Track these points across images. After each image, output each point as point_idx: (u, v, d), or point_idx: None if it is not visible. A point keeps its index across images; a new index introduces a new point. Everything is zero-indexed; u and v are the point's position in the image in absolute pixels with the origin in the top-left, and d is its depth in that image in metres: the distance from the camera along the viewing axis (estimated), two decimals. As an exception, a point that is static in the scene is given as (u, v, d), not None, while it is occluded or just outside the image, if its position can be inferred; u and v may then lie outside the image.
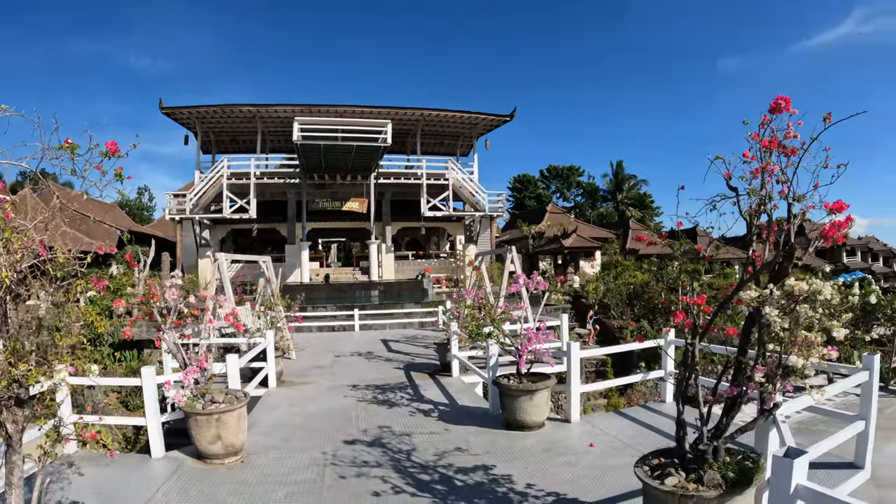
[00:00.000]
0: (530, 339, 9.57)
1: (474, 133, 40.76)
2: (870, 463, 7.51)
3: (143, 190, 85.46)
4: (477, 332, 10.27)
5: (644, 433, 9.25)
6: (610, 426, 9.68)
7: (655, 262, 40.16)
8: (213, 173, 33.96)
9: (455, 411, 11.09)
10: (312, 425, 10.17)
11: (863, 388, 7.37)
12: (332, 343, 21.33)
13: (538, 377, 9.85)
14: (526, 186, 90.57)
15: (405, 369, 15.53)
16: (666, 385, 11.27)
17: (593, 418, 10.56)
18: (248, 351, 12.25)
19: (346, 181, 36.70)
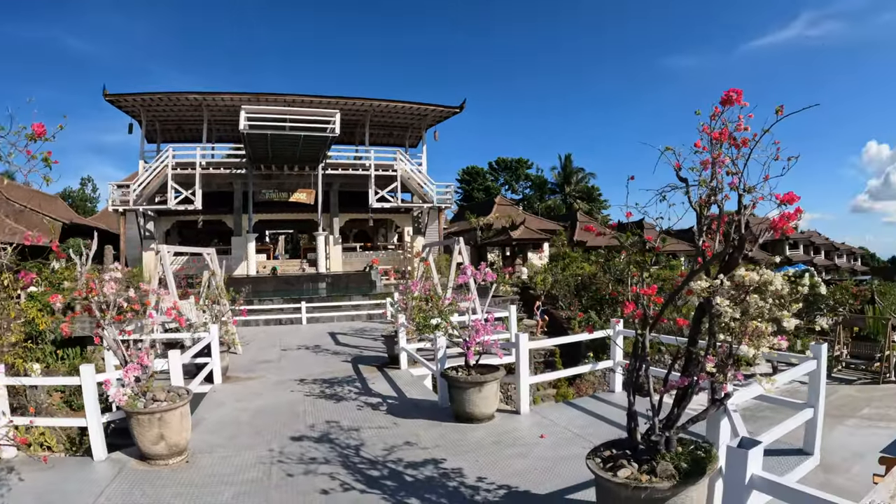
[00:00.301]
0: (478, 331, 9.51)
1: (423, 124, 40.62)
2: (819, 449, 7.61)
3: (87, 180, 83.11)
4: (424, 325, 10.16)
5: (594, 423, 9.26)
6: (560, 417, 9.67)
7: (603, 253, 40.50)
8: (157, 163, 33.19)
9: (404, 404, 10.96)
10: (259, 422, 9.93)
11: (811, 376, 7.45)
12: (280, 337, 20.97)
13: (487, 369, 9.79)
14: (475, 178, 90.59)
15: (353, 362, 15.33)
16: (615, 375, 11.33)
17: (543, 409, 10.54)
18: (192, 346, 11.94)
19: (293, 172, 36.17)
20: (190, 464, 7.86)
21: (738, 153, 5.02)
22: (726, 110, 5.02)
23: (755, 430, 6.44)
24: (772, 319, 4.72)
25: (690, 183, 5.32)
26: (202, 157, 34.05)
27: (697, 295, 4.90)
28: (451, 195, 40.74)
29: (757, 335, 4.67)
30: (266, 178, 36.77)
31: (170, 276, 14.20)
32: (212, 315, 14.59)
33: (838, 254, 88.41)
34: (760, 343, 4.66)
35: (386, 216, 40.68)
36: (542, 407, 11.11)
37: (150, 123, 36.15)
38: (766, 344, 4.67)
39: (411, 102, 37.55)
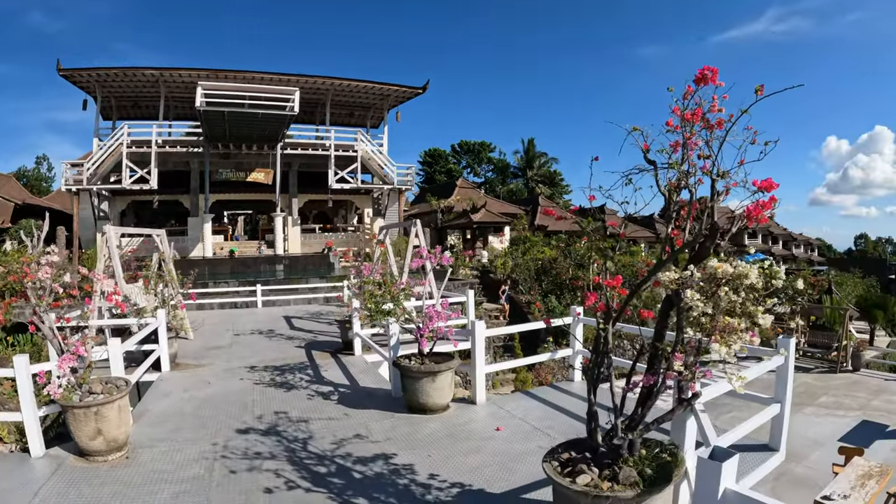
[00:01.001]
0: (432, 318, 9.08)
1: (385, 105, 39.99)
2: (785, 445, 7.40)
3: (42, 159, 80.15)
4: (377, 311, 9.72)
5: (552, 415, 8.96)
6: (517, 408, 9.34)
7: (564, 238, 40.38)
8: (112, 141, 32.19)
9: (356, 394, 10.54)
10: (205, 413, 9.41)
11: (778, 370, 7.22)
12: (234, 321, 20.38)
13: (441, 357, 9.41)
14: (436, 161, 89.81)
15: (306, 348, 14.84)
16: (574, 363, 11.02)
17: (500, 399, 10.15)
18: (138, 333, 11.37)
19: (251, 151, 35.44)
20: (130, 460, 7.34)
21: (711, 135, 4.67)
22: (700, 90, 4.65)
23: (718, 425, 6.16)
24: (744, 314, 4.39)
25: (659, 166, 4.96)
26: (158, 136, 33.15)
27: (666, 287, 4.54)
28: (412, 177, 40.46)
29: (729, 331, 4.35)
30: (224, 158, 35.91)
31: (116, 258, 13.58)
32: (159, 299, 13.99)
33: (796, 244, 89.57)
34: (732, 340, 4.34)
35: (346, 197, 40.24)
36: (500, 397, 10.71)
37: (105, 100, 34.97)
38: (739, 341, 4.35)
39: (373, 82, 36.95)
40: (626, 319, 9.46)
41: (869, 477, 8.16)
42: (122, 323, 12.68)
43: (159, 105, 34.12)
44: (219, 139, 33.83)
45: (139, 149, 32.34)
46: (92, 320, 12.05)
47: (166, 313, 12.84)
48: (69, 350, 7.25)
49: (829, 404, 15.67)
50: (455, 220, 47.84)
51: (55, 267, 7.78)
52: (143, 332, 11.10)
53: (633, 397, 4.90)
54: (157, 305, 13.41)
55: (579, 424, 8.45)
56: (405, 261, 16.08)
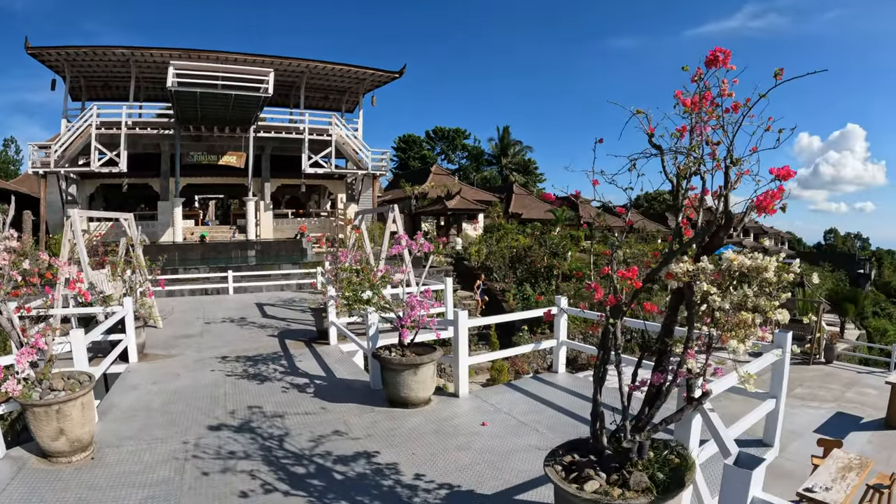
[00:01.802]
0: (413, 307, 8.65)
1: (361, 89, 39.22)
2: (779, 440, 7.16)
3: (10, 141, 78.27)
4: (355, 299, 9.25)
5: (538, 408, 8.67)
6: (502, 401, 9.01)
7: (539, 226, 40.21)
8: (80, 122, 31.09)
9: (333, 386, 10.13)
10: (174, 407, 8.92)
11: (774, 366, 6.93)
12: (204, 308, 19.83)
13: (423, 348, 9.03)
14: (411, 147, 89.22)
15: (280, 337, 14.38)
16: (558, 355, 10.72)
17: (484, 392, 9.84)
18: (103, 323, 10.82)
19: (224, 134, 34.47)
20: (96, 461, 6.83)
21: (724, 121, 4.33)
22: (711, 73, 4.31)
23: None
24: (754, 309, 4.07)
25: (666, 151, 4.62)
26: (129, 117, 32.17)
27: (678, 279, 4.19)
28: (386, 162, 39.96)
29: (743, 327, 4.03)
30: (195, 140, 35.03)
31: (81, 243, 13.04)
32: (126, 286, 13.44)
33: (767, 237, 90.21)
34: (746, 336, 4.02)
35: (319, 182, 39.63)
36: (483, 389, 10.40)
37: (74, 80, 33.77)
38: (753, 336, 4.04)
39: (350, 65, 36.28)
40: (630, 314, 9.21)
41: (849, 469, 8.11)
42: (88, 312, 12.16)
43: (130, 86, 33.16)
44: (190, 121, 32.88)
45: (108, 130, 31.41)
46: (54, 310, 11.55)
47: (134, 301, 12.35)
48: (28, 343, 6.72)
49: (804, 396, 15.67)
50: (429, 206, 47.41)
51: (14, 253, 7.24)
52: (109, 322, 10.56)
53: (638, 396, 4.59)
54: (125, 293, 12.90)
55: (566, 418, 8.17)
56: (382, 247, 15.66)
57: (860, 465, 8.28)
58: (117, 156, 31.02)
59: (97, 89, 36.72)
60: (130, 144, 31.98)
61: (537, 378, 10.57)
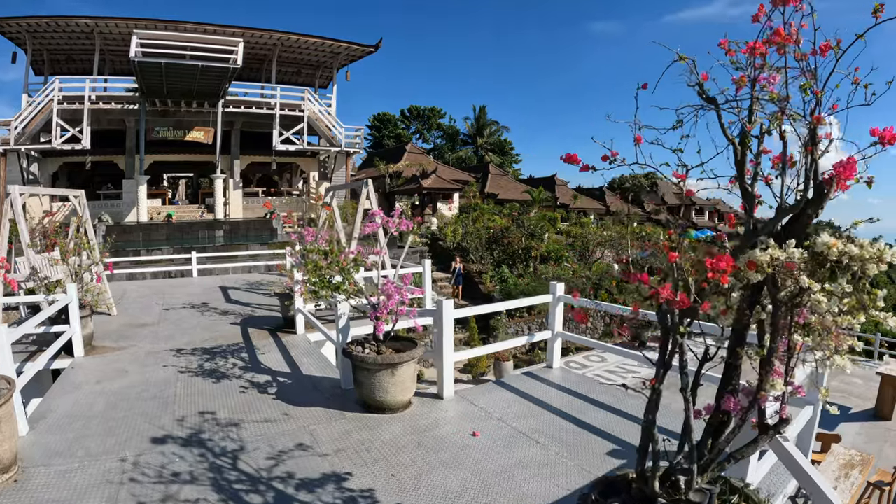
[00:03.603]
0: (390, 296, 7.39)
1: (335, 63, 37.77)
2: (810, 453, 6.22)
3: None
4: (322, 285, 7.98)
5: (535, 413, 7.55)
6: (492, 403, 7.88)
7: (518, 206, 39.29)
8: (42, 97, 29.51)
9: (299, 384, 8.90)
10: (117, 413, 7.64)
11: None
12: (165, 292, 18.48)
13: (402, 343, 7.85)
14: (385, 125, 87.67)
15: (242, 325, 13.11)
16: (553, 348, 9.61)
17: (470, 392, 8.56)
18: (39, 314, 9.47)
19: (191, 108, 32.89)
20: (19, 484, 5.60)
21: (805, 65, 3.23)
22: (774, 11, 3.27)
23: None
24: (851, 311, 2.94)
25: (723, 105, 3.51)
26: (92, 91, 30.55)
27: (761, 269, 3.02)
28: (360, 140, 38.82)
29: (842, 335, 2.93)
30: (162, 115, 33.17)
31: (21, 223, 11.72)
32: (71, 271, 12.05)
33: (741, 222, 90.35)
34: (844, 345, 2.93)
35: (291, 160, 38.29)
36: (469, 388, 9.06)
37: (36, 53, 32.14)
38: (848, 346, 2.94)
39: (324, 38, 34.83)
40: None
41: (852, 466, 7.69)
42: (26, 300, 10.87)
43: (94, 59, 31.49)
44: (156, 94, 31.24)
45: (71, 105, 29.82)
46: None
47: (79, 287, 11.07)
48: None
49: None
50: (404, 185, 46.19)
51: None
52: (45, 313, 9.23)
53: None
54: (69, 278, 11.60)
55: (569, 425, 7.06)
56: (355, 225, 14.37)
57: (862, 461, 7.99)
58: (80, 132, 29.58)
59: (61, 63, 34.95)
60: (94, 120, 30.56)
61: (529, 374, 9.39)
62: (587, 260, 33.06)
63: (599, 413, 7.50)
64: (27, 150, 29.60)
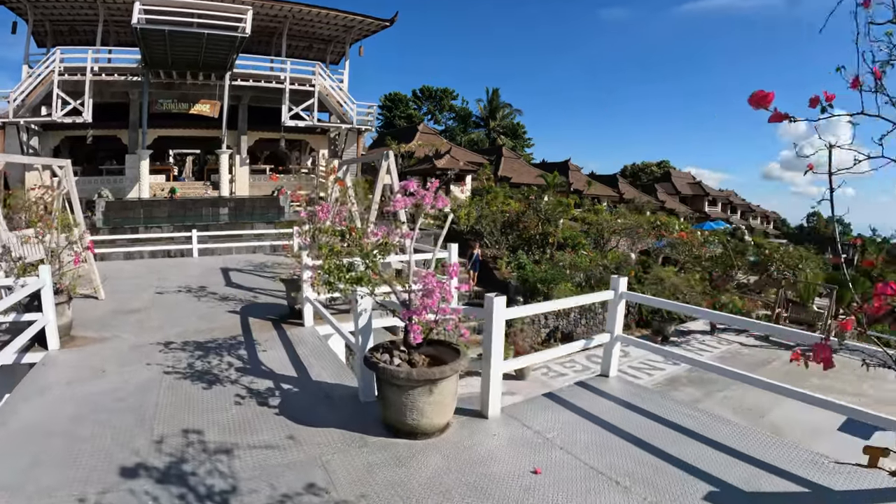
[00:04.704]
0: (431, 293, 5.66)
1: (348, 38, 36.23)
2: None
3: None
4: (339, 275, 6.14)
5: (604, 439, 5.98)
6: (548, 425, 6.31)
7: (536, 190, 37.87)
8: (42, 68, 28.06)
9: (307, 394, 7.26)
10: (84, 429, 6.06)
11: None
12: (161, 273, 16.92)
13: (437, 349, 6.26)
14: (396, 105, 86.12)
15: (243, 314, 11.51)
16: (611, 353, 8.04)
17: (519, 410, 6.83)
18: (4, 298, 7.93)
19: (197, 81, 31.32)
20: None
21: None
22: None
23: None
24: None
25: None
26: (95, 62, 29.12)
27: None
28: (372, 117, 37.46)
29: None
30: (167, 88, 31.62)
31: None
32: (47, 251, 10.36)
33: (753, 215, 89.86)
34: None
35: (300, 136, 36.85)
36: (515, 405, 7.25)
37: (38, 23, 30.69)
38: None
39: (337, 10, 33.13)
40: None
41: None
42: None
43: (98, 30, 30.03)
44: (160, 65, 29.64)
45: (73, 77, 28.32)
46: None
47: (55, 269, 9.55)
48: None
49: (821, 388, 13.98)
50: (416, 165, 44.57)
51: None
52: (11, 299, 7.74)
53: None
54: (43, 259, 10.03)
55: (650, 458, 5.50)
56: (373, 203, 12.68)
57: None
58: (81, 105, 28.06)
59: (63, 35, 33.28)
60: (97, 93, 29.07)
61: (584, 386, 7.76)
62: (602, 248, 31.66)
63: (683, 441, 5.95)
64: (27, 123, 28.22)
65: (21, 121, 27.73)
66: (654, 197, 68.68)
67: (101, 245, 19.08)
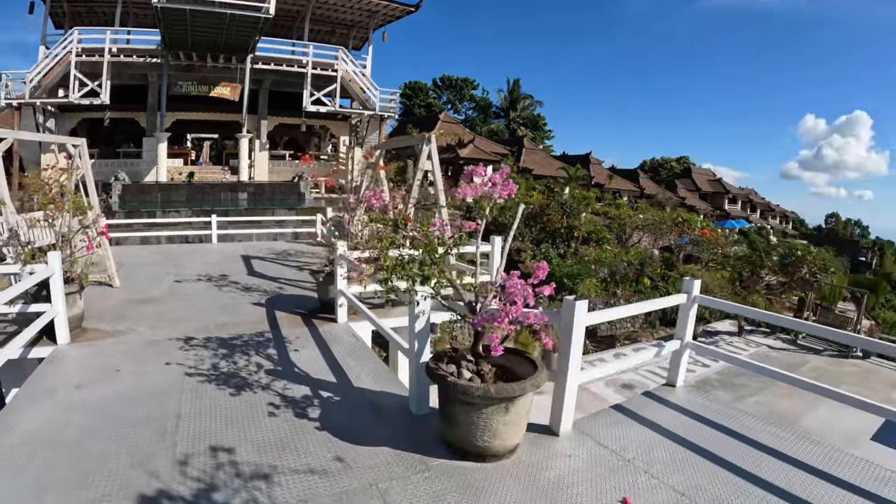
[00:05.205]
0: (512, 296, 4.77)
1: (372, 23, 35.39)
2: None
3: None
4: (402, 272, 5.08)
5: (687, 460, 5.25)
6: (624, 443, 5.54)
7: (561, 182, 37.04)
8: (59, 48, 27.39)
9: (350, 404, 6.35)
10: (95, 444, 5.21)
11: None
12: (179, 260, 16.13)
13: (509, 359, 5.37)
14: (416, 94, 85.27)
15: (268, 307, 10.64)
16: (679, 361, 7.19)
17: (590, 426, 5.96)
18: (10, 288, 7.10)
19: (218, 64, 30.51)
20: None
21: None
22: None
23: None
24: None
25: None
26: (113, 43, 28.32)
27: None
28: (395, 104, 36.66)
29: None
30: (186, 71, 30.83)
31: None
32: (57, 236, 9.48)
33: (773, 215, 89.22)
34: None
35: (321, 122, 36.07)
36: (585, 419, 6.21)
37: (56, 4, 29.82)
38: None
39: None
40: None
41: None
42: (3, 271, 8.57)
43: (116, 11, 29.32)
44: (180, 46, 28.84)
45: (90, 58, 27.63)
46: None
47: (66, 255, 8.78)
48: None
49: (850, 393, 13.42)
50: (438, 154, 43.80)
51: None
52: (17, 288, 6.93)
53: None
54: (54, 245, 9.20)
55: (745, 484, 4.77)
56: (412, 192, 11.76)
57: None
58: (99, 86, 27.41)
59: (81, 15, 32.58)
60: (115, 74, 28.44)
61: (651, 396, 6.89)
62: (624, 243, 30.83)
63: (765, 461, 5.31)
64: (43, 104, 27.56)
65: (37, 102, 27.11)
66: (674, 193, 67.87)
67: (117, 229, 18.39)
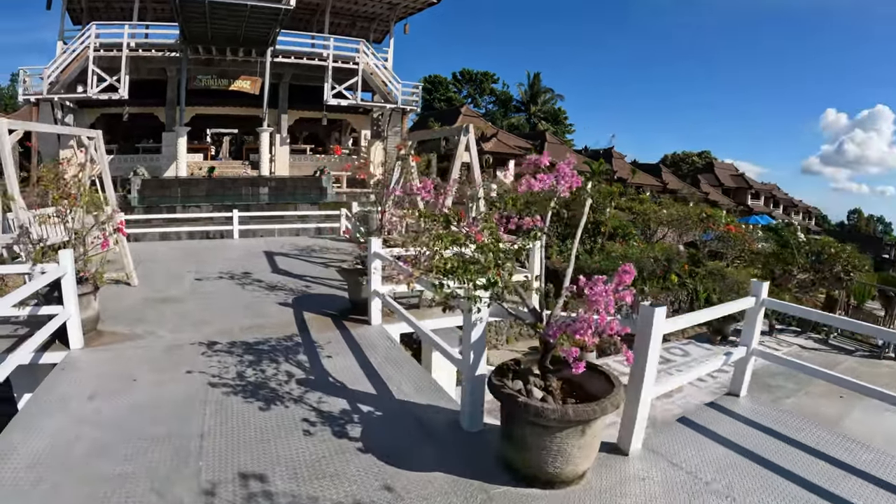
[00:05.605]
0: (597, 305, 4.08)
1: (393, 16, 34.99)
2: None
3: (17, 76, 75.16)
4: (465, 276, 4.43)
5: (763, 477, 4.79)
6: (696, 461, 4.97)
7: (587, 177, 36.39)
8: (77, 43, 27.27)
9: (393, 419, 5.71)
10: (107, 467, 4.61)
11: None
12: (200, 256, 15.57)
13: (581, 375, 4.44)
14: (436, 88, 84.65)
15: (295, 307, 10.03)
16: (745, 370, 6.54)
17: (659, 443, 5.32)
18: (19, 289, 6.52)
19: (237, 58, 30.16)
20: None
21: None
22: None
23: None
24: None
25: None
26: (132, 38, 28.20)
27: None
28: (418, 97, 36.32)
29: None
30: (206, 65, 30.60)
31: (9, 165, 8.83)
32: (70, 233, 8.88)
33: (796, 210, 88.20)
34: None
35: (342, 116, 35.57)
36: (655, 436, 5.52)
37: None
38: None
39: (384, -13, 31.90)
40: None
41: None
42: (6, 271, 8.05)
43: (135, 6, 29.13)
44: (199, 40, 28.47)
45: (109, 53, 27.46)
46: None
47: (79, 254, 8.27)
48: None
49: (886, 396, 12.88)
50: (462, 148, 43.26)
51: None
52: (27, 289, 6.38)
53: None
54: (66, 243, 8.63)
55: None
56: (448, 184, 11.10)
57: None
58: (117, 81, 27.28)
59: (99, 11, 32.17)
60: (134, 69, 28.36)
61: (715, 407, 6.23)
62: (649, 239, 30.14)
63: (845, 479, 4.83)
64: (61, 99, 27.49)
65: (55, 97, 27.03)
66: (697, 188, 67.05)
67: (136, 225, 18.03)
